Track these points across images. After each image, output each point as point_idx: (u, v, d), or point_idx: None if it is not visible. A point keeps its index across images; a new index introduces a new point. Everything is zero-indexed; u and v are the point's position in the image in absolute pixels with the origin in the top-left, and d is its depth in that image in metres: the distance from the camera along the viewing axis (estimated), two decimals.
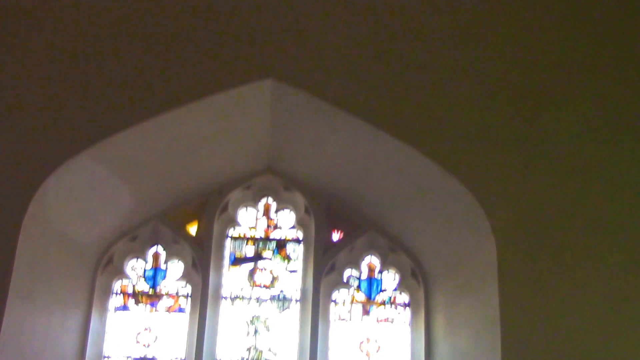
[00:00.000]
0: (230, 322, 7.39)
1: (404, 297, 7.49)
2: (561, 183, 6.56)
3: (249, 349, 7.29)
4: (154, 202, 7.46)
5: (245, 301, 7.50)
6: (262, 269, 7.63)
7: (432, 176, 6.76)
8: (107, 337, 7.25)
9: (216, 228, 7.56)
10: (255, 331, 7.37)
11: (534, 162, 6.65)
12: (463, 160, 6.61)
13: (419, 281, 7.46)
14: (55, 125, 6.58)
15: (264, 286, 7.58)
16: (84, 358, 7.01)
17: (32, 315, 6.47)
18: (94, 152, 6.58)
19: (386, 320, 7.42)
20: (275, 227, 7.80)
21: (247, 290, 7.52)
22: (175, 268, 7.53)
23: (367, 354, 7.27)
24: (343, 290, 7.52)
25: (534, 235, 6.44)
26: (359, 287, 7.53)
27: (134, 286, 7.49)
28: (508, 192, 6.55)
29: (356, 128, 6.81)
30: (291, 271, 7.62)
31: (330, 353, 7.25)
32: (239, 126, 7.20)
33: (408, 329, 7.38)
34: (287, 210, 7.83)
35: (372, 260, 7.57)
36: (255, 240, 7.72)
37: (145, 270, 7.51)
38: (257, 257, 7.69)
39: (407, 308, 7.48)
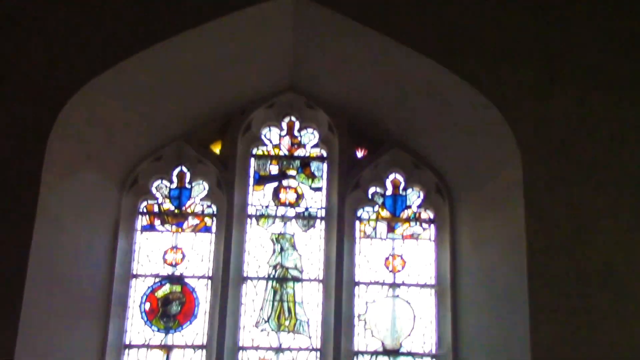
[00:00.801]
0: (256, 240, 7.41)
1: (429, 214, 7.49)
2: (587, 97, 6.53)
3: (275, 267, 7.32)
4: (177, 122, 7.41)
5: (271, 219, 7.52)
6: (286, 188, 7.63)
7: (457, 92, 6.73)
8: (135, 256, 7.29)
9: (240, 147, 7.53)
10: (281, 249, 7.39)
11: (559, 77, 6.61)
12: (488, 75, 6.55)
13: (444, 197, 7.44)
14: (77, 46, 6.58)
15: (289, 204, 7.58)
16: (113, 277, 7.06)
17: (60, 237, 6.52)
18: (116, 73, 6.56)
19: (411, 236, 7.43)
20: (299, 145, 7.77)
21: (272, 208, 7.53)
22: (200, 188, 7.54)
23: (393, 270, 7.28)
24: (368, 208, 7.51)
25: (560, 150, 6.41)
26: (383, 204, 7.51)
27: (159, 206, 7.50)
28: (534, 107, 6.52)
29: (380, 44, 6.77)
30: (316, 189, 7.62)
31: (356, 270, 7.27)
32: (261, 44, 7.14)
33: (433, 245, 7.39)
34: (310, 129, 7.79)
35: (396, 177, 7.55)
36: (279, 158, 7.70)
37: (170, 190, 7.51)
38: (282, 175, 7.67)
39: (432, 224, 7.48)
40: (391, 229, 7.48)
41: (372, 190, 7.52)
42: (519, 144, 6.39)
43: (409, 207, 7.53)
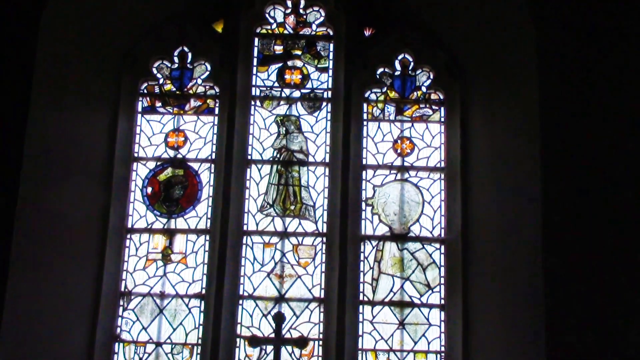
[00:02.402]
0: (260, 122, 7.40)
1: (438, 95, 7.39)
2: None
3: (279, 150, 7.33)
4: (177, 2, 7.35)
5: (275, 101, 7.47)
6: (291, 68, 7.53)
7: None
8: (136, 139, 7.33)
9: (243, 26, 7.41)
10: (286, 132, 7.38)
11: None
12: None
13: (455, 77, 7.27)
14: None
15: (294, 85, 7.49)
16: (114, 159, 7.05)
17: (58, 118, 6.52)
18: None
19: (420, 118, 7.38)
20: (305, 24, 7.64)
21: (276, 89, 7.49)
22: (202, 68, 7.48)
23: (402, 153, 7.26)
24: (375, 89, 7.40)
25: (578, 24, 6.20)
26: (392, 85, 7.41)
27: (160, 87, 7.46)
28: None
29: None
30: (322, 69, 7.51)
31: (363, 153, 7.27)
32: None
33: (443, 128, 7.33)
34: (316, 7, 7.59)
35: (405, 56, 7.40)
36: (283, 37, 7.61)
37: (171, 71, 7.47)
38: (287, 55, 7.57)
39: (442, 106, 7.38)
40: (400, 110, 7.38)
41: (380, 70, 7.39)
42: (533, 16, 6.23)
43: (419, 88, 7.39)
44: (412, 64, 7.44)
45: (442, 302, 6.97)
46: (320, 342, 6.86)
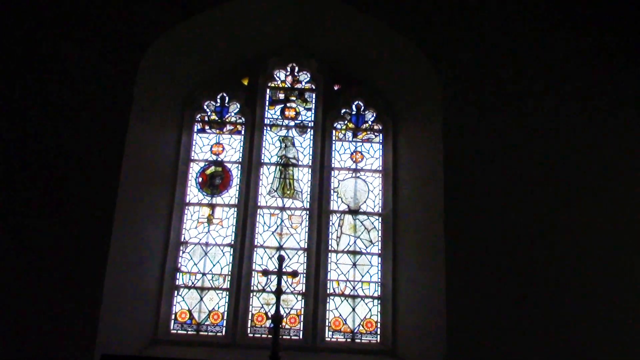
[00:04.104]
0: (269, 140, 8.19)
1: (379, 126, 8.16)
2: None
3: (281, 157, 8.12)
4: (221, 65, 8.11)
5: (279, 127, 8.23)
6: (289, 107, 8.28)
7: (398, 50, 7.27)
8: (192, 147, 8.10)
9: (260, 81, 8.25)
10: (285, 146, 8.16)
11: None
12: (427, 35, 7.02)
13: (389, 116, 8.12)
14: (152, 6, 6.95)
15: (291, 118, 8.23)
16: (179, 160, 7.85)
17: (147, 132, 7.10)
18: (184, 29, 7.09)
19: (367, 140, 8.14)
20: (298, 81, 8.39)
21: (280, 120, 8.22)
22: (235, 106, 8.23)
23: (356, 161, 8.08)
24: (340, 121, 8.21)
25: (477, 84, 6.85)
26: (350, 119, 8.20)
27: (208, 117, 8.19)
28: (454, 52, 6.92)
29: (356, 19, 7.38)
30: (308, 109, 8.30)
31: (332, 160, 7.98)
32: (277, 22, 7.82)
33: (381, 146, 8.12)
34: (305, 71, 8.45)
35: (359, 102, 8.25)
36: (285, 89, 8.34)
37: (215, 107, 8.20)
38: (286, 100, 8.33)
39: (381, 133, 8.16)
40: (355, 135, 8.14)
41: (343, 110, 8.17)
42: (439, 80, 6.88)
43: (367, 122, 8.18)
44: (362, 107, 8.20)
45: (379, 251, 7.66)
46: (304, 275, 7.52)
